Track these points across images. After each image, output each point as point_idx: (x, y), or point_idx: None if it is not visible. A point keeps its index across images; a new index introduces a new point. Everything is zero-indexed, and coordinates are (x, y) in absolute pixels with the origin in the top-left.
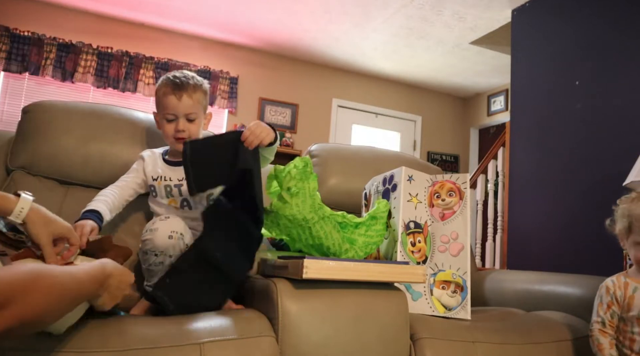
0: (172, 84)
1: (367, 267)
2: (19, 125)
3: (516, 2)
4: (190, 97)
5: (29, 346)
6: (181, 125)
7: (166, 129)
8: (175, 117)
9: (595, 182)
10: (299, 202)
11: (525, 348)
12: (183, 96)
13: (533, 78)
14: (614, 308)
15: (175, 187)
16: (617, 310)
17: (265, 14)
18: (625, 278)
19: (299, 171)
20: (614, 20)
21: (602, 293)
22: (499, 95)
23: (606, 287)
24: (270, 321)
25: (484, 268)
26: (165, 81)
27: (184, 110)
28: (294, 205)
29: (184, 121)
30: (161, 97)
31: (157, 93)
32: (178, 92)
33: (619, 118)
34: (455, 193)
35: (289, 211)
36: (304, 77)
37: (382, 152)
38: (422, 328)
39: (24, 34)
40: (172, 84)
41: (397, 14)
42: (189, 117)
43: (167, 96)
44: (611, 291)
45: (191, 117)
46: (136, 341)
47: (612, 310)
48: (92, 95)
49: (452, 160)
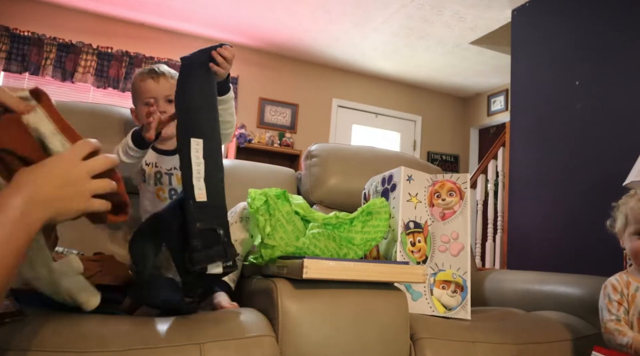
0: (148, 71)
1: (367, 267)
2: None
3: (516, 2)
4: (167, 81)
5: (29, 346)
6: (161, 107)
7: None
8: (154, 99)
9: (595, 182)
10: (282, 234)
11: (525, 348)
12: (160, 79)
13: (533, 78)
14: (625, 306)
15: (166, 174)
16: (626, 307)
17: (265, 14)
18: (627, 276)
19: (260, 208)
20: (614, 20)
21: (609, 292)
22: (499, 95)
23: (612, 286)
24: (270, 321)
25: (484, 268)
26: (140, 71)
27: (163, 92)
28: (278, 239)
29: (164, 103)
30: (139, 84)
31: (134, 85)
32: (156, 76)
33: (619, 118)
34: (456, 193)
35: (279, 251)
36: (304, 77)
37: (382, 152)
38: (422, 328)
39: (24, 34)
40: (148, 71)
41: (397, 14)
42: (169, 98)
43: (145, 81)
44: (618, 290)
45: (171, 98)
46: (136, 342)
47: (624, 308)
48: (92, 95)
49: (452, 160)
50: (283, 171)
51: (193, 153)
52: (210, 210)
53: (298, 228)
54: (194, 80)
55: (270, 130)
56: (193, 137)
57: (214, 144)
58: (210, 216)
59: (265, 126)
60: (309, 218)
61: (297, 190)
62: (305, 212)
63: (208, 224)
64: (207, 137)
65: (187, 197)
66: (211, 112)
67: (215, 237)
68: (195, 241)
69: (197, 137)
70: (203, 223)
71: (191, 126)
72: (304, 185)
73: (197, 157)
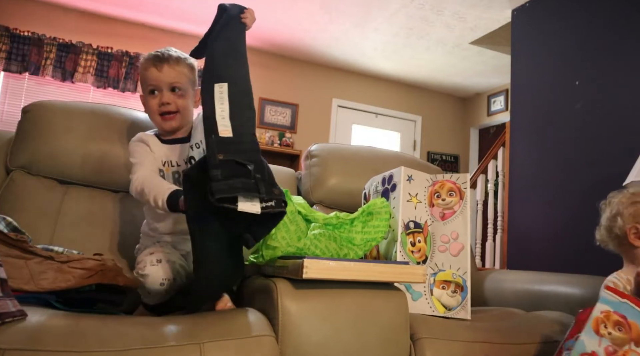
0: (153, 57)
1: (367, 267)
2: (19, 125)
3: (516, 2)
4: (172, 68)
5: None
6: (165, 96)
7: (150, 105)
8: (157, 88)
9: (595, 182)
10: (284, 234)
11: (525, 348)
12: (164, 67)
13: (533, 78)
14: None
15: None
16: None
17: (265, 14)
18: (627, 276)
19: None
20: (614, 20)
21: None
22: (499, 95)
23: (614, 284)
24: (270, 321)
25: (484, 268)
26: (145, 57)
27: (166, 80)
28: (280, 239)
29: (168, 93)
30: (143, 72)
31: (140, 71)
32: (159, 64)
33: (619, 118)
34: (456, 193)
35: (280, 251)
36: (304, 77)
37: (382, 152)
38: (422, 328)
39: (24, 34)
40: (153, 57)
41: (397, 14)
42: (174, 86)
43: (148, 69)
44: (621, 288)
45: (176, 86)
46: (136, 342)
47: None
48: (92, 95)
49: (452, 160)
50: (283, 171)
51: (217, 95)
52: (236, 145)
53: (300, 228)
54: (223, 28)
55: (270, 130)
56: (216, 83)
57: (242, 88)
58: (236, 151)
59: (265, 126)
60: (310, 218)
61: (297, 190)
62: (307, 212)
63: (232, 157)
64: (233, 82)
65: (208, 133)
66: (238, 59)
67: (241, 170)
68: (214, 171)
69: (222, 81)
70: (226, 155)
71: (214, 72)
72: (304, 185)
73: (220, 98)
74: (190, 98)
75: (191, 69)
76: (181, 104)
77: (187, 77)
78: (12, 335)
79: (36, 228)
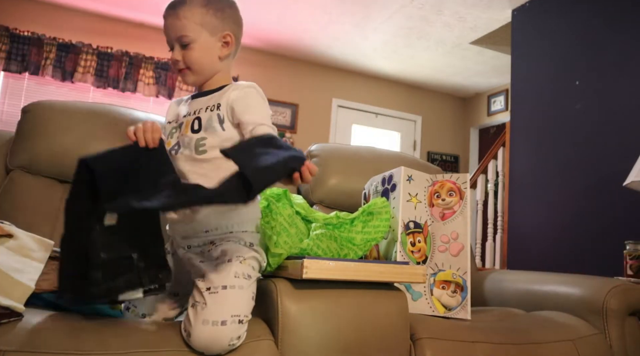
0: (168, 5)
1: (367, 267)
2: (19, 125)
3: (516, 2)
4: (177, 18)
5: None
6: (174, 53)
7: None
8: (170, 45)
9: (595, 182)
10: (286, 238)
11: (525, 348)
12: (169, 18)
13: (533, 78)
14: None
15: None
16: None
17: (265, 14)
18: None
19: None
20: (614, 21)
21: None
22: (499, 95)
23: None
24: (269, 322)
25: (484, 268)
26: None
27: (172, 35)
28: (283, 244)
29: (178, 48)
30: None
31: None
32: (166, 15)
33: (619, 118)
34: (456, 193)
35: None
36: (304, 77)
37: (381, 152)
38: (422, 328)
39: (24, 34)
40: (168, 5)
41: (397, 14)
42: (182, 41)
43: (163, 24)
44: None
45: (184, 41)
46: (136, 344)
47: None
48: (92, 95)
49: (452, 160)
50: None
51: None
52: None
53: (300, 230)
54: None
55: None
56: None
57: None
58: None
59: None
60: (310, 219)
61: (297, 190)
62: (307, 212)
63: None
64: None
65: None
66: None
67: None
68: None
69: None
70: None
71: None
72: (304, 185)
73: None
74: (206, 48)
75: (206, 9)
76: (189, 59)
77: (198, 23)
78: (12, 336)
79: (36, 228)
